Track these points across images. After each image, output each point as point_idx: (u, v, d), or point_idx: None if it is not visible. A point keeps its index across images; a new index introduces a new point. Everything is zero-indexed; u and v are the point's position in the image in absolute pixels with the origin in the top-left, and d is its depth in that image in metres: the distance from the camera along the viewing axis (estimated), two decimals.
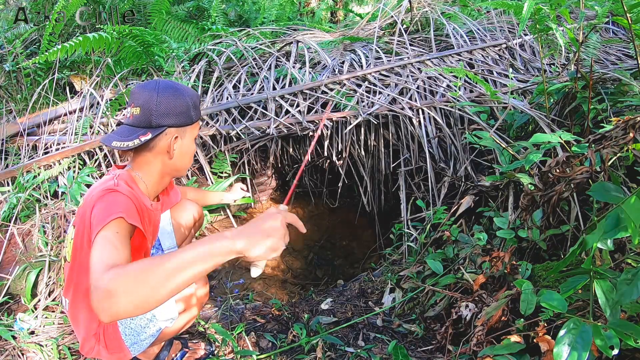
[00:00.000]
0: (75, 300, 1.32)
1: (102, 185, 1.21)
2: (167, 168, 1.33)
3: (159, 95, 1.23)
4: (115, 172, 1.28)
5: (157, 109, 1.23)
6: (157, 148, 1.28)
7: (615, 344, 0.95)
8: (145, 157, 1.29)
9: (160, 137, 1.26)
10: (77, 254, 1.26)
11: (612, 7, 2.31)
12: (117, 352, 1.35)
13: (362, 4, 6.01)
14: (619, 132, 1.43)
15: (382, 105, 2.59)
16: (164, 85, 1.26)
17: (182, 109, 1.27)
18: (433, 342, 1.64)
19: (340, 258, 2.92)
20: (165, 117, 1.24)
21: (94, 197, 1.16)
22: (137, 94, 1.25)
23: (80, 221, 1.23)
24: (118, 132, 1.26)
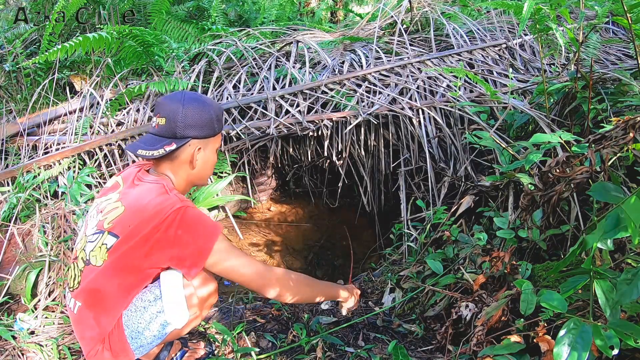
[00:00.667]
0: (89, 302, 1.29)
1: (161, 200, 1.22)
2: (190, 177, 1.38)
3: (185, 107, 1.28)
4: (158, 181, 1.30)
5: (182, 121, 1.27)
6: (180, 158, 1.32)
7: (615, 344, 0.95)
8: (170, 166, 1.34)
9: (184, 147, 1.31)
10: (112, 263, 1.23)
11: (612, 7, 2.32)
12: (121, 355, 1.34)
13: (362, 4, 6.01)
14: (619, 132, 1.43)
15: (382, 105, 2.60)
16: (190, 97, 1.30)
17: (206, 121, 1.31)
18: (433, 342, 1.64)
19: (340, 258, 2.92)
20: (189, 129, 1.28)
21: (166, 219, 1.19)
22: (163, 105, 1.29)
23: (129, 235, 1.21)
24: (143, 140, 1.31)
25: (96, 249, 1.26)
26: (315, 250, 2.96)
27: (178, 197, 1.24)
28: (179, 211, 1.20)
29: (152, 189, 1.27)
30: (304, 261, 2.85)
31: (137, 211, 1.23)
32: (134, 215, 1.23)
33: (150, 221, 1.19)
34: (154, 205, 1.21)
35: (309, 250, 2.95)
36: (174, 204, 1.20)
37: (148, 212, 1.20)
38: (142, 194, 1.27)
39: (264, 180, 3.21)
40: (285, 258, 2.82)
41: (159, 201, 1.21)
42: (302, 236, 3.07)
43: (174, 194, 1.25)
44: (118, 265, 1.24)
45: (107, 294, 1.28)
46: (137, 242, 1.20)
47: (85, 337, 1.34)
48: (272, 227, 3.10)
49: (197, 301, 1.37)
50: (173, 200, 1.22)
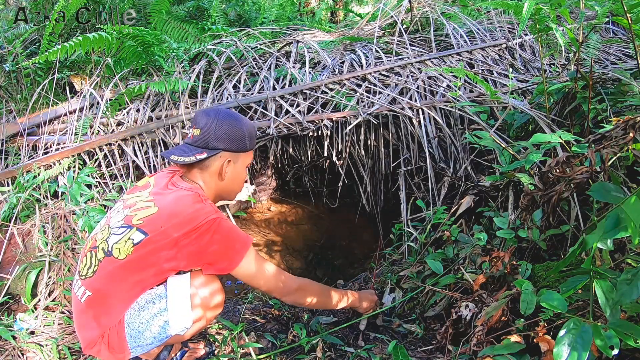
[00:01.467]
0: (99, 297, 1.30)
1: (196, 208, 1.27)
2: (218, 189, 1.46)
3: (219, 121, 1.37)
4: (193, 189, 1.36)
5: (216, 133, 1.36)
6: (211, 168, 1.40)
7: (615, 344, 0.95)
8: (201, 175, 1.41)
9: (215, 158, 1.39)
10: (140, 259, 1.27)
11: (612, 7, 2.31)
12: (118, 352, 1.34)
13: (362, 4, 6.01)
14: (619, 132, 1.43)
15: (382, 105, 2.60)
16: (225, 113, 1.41)
17: (238, 136, 1.40)
18: (433, 342, 1.65)
19: (340, 258, 2.92)
20: (221, 141, 1.37)
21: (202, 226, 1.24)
22: (200, 118, 1.39)
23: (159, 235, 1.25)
24: (178, 148, 1.41)
25: (121, 242, 1.29)
26: (315, 250, 2.96)
27: (213, 208, 1.30)
28: (214, 222, 1.25)
29: (188, 196, 1.31)
30: (304, 261, 2.85)
31: (171, 214, 1.27)
32: (167, 217, 1.27)
33: (184, 226, 1.24)
34: (189, 212, 1.26)
35: (309, 250, 2.95)
36: (209, 214, 1.26)
37: (182, 217, 1.25)
38: (177, 199, 1.31)
39: (264, 180, 3.21)
40: (285, 258, 2.82)
41: (195, 208, 1.27)
42: (302, 236, 3.07)
43: (209, 204, 1.31)
44: (141, 262, 1.27)
45: (121, 289, 1.30)
46: (166, 244, 1.25)
47: (85, 328, 1.34)
48: (272, 227, 3.10)
49: (201, 312, 1.37)
50: (208, 210, 1.27)
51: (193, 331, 1.41)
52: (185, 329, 1.34)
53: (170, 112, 2.61)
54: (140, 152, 2.50)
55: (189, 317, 1.33)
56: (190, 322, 1.34)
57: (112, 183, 2.40)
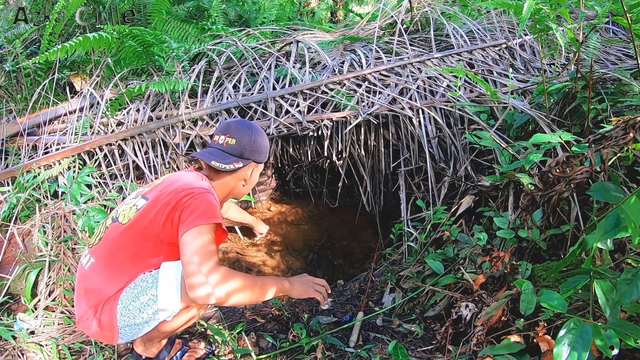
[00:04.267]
0: (102, 262, 1.37)
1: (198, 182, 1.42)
2: (235, 190, 1.61)
3: (254, 134, 1.53)
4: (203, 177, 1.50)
5: (251, 146, 1.52)
6: (238, 174, 1.55)
7: (615, 344, 0.95)
8: (225, 178, 1.54)
9: (247, 167, 1.54)
10: (139, 222, 1.36)
11: (612, 7, 2.31)
12: (107, 329, 1.33)
13: (362, 4, 6.01)
14: (619, 132, 1.43)
15: (382, 105, 2.60)
16: (257, 129, 1.56)
17: (265, 150, 1.59)
18: (433, 342, 1.64)
19: (340, 258, 2.92)
20: (253, 153, 1.53)
21: (193, 188, 1.36)
22: (235, 129, 1.52)
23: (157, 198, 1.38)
24: (212, 152, 1.50)
25: (127, 208, 1.43)
26: (315, 250, 2.95)
27: (209, 187, 1.42)
28: (202, 190, 1.36)
29: (191, 174, 1.49)
30: (304, 261, 2.85)
31: (171, 183, 1.42)
32: (167, 185, 1.42)
33: (176, 190, 1.36)
34: (186, 182, 1.41)
35: (309, 250, 2.95)
36: (202, 187, 1.39)
37: (179, 184, 1.40)
38: (181, 174, 1.50)
39: (264, 180, 3.21)
40: (285, 258, 2.82)
41: (192, 180, 1.42)
42: (302, 236, 3.07)
43: (207, 185, 1.44)
44: (140, 227, 1.35)
45: (120, 258, 1.37)
46: (161, 207, 1.35)
47: (83, 297, 1.37)
48: (272, 227, 3.09)
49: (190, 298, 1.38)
50: (203, 184, 1.41)
51: (183, 321, 1.42)
52: (173, 312, 1.35)
53: (171, 112, 2.61)
54: (140, 152, 2.50)
55: (178, 301, 1.34)
56: (178, 307, 1.35)
57: (112, 183, 2.40)
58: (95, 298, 1.35)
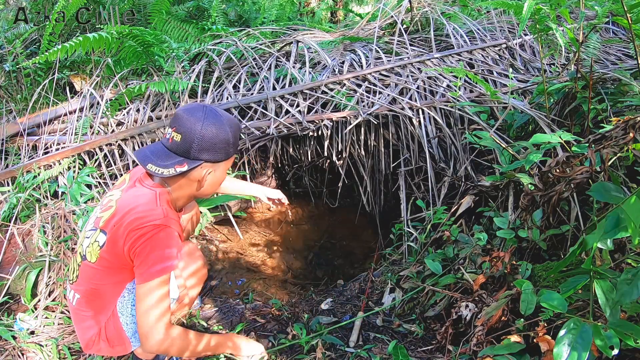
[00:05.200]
0: (88, 299, 1.34)
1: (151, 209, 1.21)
2: (194, 193, 1.38)
3: (203, 128, 1.24)
4: (154, 188, 1.29)
5: (199, 143, 1.24)
6: (190, 176, 1.31)
7: (615, 344, 0.95)
8: (177, 180, 1.32)
9: (195, 169, 1.28)
10: (104, 261, 1.27)
11: (612, 7, 2.31)
12: (118, 344, 1.36)
13: (362, 4, 6.01)
14: (619, 132, 1.43)
15: (382, 105, 2.60)
16: (211, 117, 1.25)
17: (222, 145, 1.28)
18: (433, 342, 1.64)
19: (340, 258, 2.92)
20: (204, 152, 1.25)
21: (145, 224, 1.18)
22: (182, 120, 1.24)
23: (114, 235, 1.23)
24: (154, 151, 1.27)
25: (90, 245, 1.30)
26: (315, 250, 2.95)
27: (163, 211, 1.22)
28: (157, 227, 1.19)
29: (145, 195, 1.27)
30: (304, 261, 2.85)
31: (125, 214, 1.23)
32: (121, 217, 1.23)
33: (129, 225, 1.20)
34: (138, 212, 1.21)
35: (309, 250, 2.95)
36: (156, 217, 1.20)
37: (131, 216, 1.21)
38: (135, 197, 1.27)
39: (264, 180, 3.21)
40: (285, 258, 2.82)
41: (145, 208, 1.22)
42: (302, 236, 3.07)
43: (161, 207, 1.24)
44: (109, 263, 1.27)
45: (103, 291, 1.33)
46: (121, 248, 1.22)
47: (82, 327, 1.38)
48: (272, 227, 3.10)
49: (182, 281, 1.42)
50: (157, 213, 1.21)
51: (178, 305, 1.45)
52: (172, 299, 1.38)
53: (170, 112, 2.61)
54: None
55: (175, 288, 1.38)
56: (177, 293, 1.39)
57: (112, 183, 2.40)
58: (96, 326, 1.36)
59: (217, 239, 2.78)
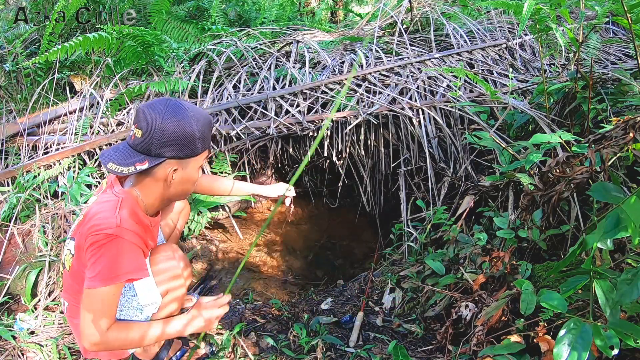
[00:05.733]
0: (74, 306, 1.36)
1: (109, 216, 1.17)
2: (165, 195, 1.30)
3: (163, 122, 1.15)
4: (119, 194, 1.24)
5: (159, 138, 1.16)
6: (155, 175, 1.23)
7: (615, 344, 0.95)
8: (144, 181, 1.25)
9: (159, 167, 1.21)
10: (75, 269, 1.28)
11: (612, 7, 2.31)
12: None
13: (362, 4, 6.01)
14: (619, 132, 1.43)
15: (382, 105, 2.60)
16: (172, 110, 1.17)
17: (186, 140, 1.19)
18: (433, 342, 1.64)
19: (340, 258, 2.92)
20: (165, 148, 1.17)
21: (100, 232, 1.14)
22: (143, 115, 1.18)
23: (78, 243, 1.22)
24: (117, 149, 1.21)
25: (67, 254, 1.30)
26: (315, 250, 2.95)
27: (117, 220, 1.17)
28: (108, 237, 1.14)
29: (108, 202, 1.22)
30: (304, 261, 2.85)
31: (87, 222, 1.20)
32: (84, 224, 1.21)
33: (86, 233, 1.17)
34: (95, 219, 1.17)
35: (309, 250, 2.95)
36: (109, 227, 1.15)
37: (90, 223, 1.18)
38: (99, 205, 1.23)
39: (264, 180, 3.21)
40: (285, 258, 2.82)
41: (102, 217, 1.17)
42: (302, 236, 3.07)
43: (119, 214, 1.18)
44: (80, 271, 1.25)
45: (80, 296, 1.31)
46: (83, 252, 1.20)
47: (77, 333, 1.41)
48: (272, 227, 3.09)
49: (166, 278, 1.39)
50: (111, 222, 1.16)
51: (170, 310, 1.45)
52: (156, 304, 1.37)
53: None
54: None
55: (157, 291, 1.35)
56: (159, 297, 1.36)
57: None
58: None
59: (217, 239, 2.78)
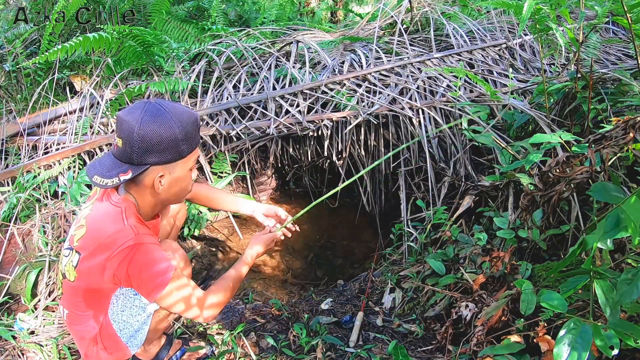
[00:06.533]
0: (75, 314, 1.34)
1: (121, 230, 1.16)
2: (159, 200, 1.27)
3: (141, 129, 1.09)
4: (119, 204, 1.22)
5: (139, 145, 1.10)
6: (143, 183, 1.20)
7: (615, 344, 0.95)
8: (134, 189, 1.23)
9: (144, 174, 1.17)
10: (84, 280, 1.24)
11: (612, 7, 2.31)
12: (116, 350, 1.36)
13: (362, 4, 6.01)
14: (619, 132, 1.43)
15: (382, 105, 2.60)
16: (150, 114, 1.11)
17: (168, 144, 1.13)
18: (433, 342, 1.65)
19: (340, 258, 2.92)
20: (147, 155, 1.12)
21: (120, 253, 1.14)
22: (121, 122, 1.12)
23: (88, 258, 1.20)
24: (102, 161, 1.19)
25: (68, 264, 1.26)
26: (315, 250, 2.95)
27: (133, 229, 1.16)
28: (132, 249, 1.13)
29: (111, 213, 1.20)
30: (304, 261, 2.85)
31: (95, 236, 1.19)
32: (92, 239, 1.19)
33: (105, 251, 1.15)
34: (108, 235, 1.16)
35: (309, 250, 2.95)
36: (127, 239, 1.13)
37: (103, 239, 1.16)
38: (101, 217, 1.22)
39: (264, 180, 3.21)
40: (285, 258, 2.82)
41: (113, 230, 1.16)
42: (302, 236, 3.07)
43: (130, 224, 1.17)
44: (85, 284, 1.25)
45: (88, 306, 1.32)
46: (94, 266, 1.18)
47: (78, 339, 1.40)
48: None
49: None
50: (127, 233, 1.14)
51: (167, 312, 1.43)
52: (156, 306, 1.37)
53: None
54: None
55: None
56: None
57: None
58: (88, 337, 1.37)
59: (217, 238, 2.78)
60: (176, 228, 1.79)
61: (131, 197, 1.25)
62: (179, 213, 1.76)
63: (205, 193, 1.68)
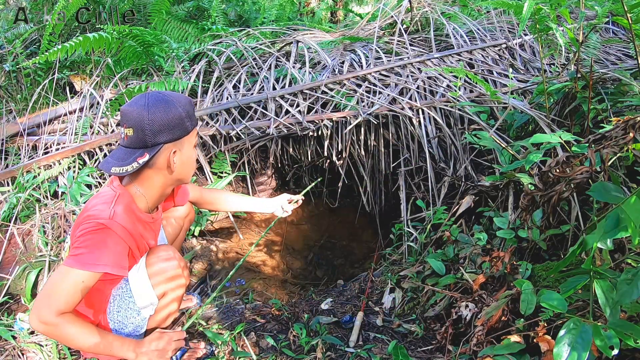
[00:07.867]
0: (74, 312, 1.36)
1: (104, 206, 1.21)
2: (170, 180, 1.35)
3: (150, 113, 1.21)
4: (116, 190, 1.28)
5: (151, 128, 1.21)
6: (157, 165, 1.28)
7: (615, 344, 0.95)
8: (146, 174, 1.30)
9: (159, 154, 1.26)
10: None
11: (612, 7, 2.31)
12: None
13: (362, 4, 6.01)
14: (619, 132, 1.43)
15: (382, 105, 2.60)
16: (154, 100, 1.23)
17: (176, 122, 1.25)
18: (433, 342, 1.64)
19: (340, 258, 2.92)
20: (159, 135, 1.23)
21: (91, 219, 1.18)
22: (128, 114, 1.22)
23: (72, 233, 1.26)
24: (115, 155, 1.26)
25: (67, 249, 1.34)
26: (315, 250, 2.95)
27: (111, 213, 1.21)
28: (97, 226, 1.18)
29: (104, 195, 1.27)
30: (304, 261, 2.85)
31: (83, 212, 1.25)
32: (80, 215, 1.26)
33: (80, 224, 1.21)
34: (91, 210, 1.22)
35: (309, 250, 2.95)
36: (99, 217, 1.19)
37: (85, 214, 1.22)
38: (95, 196, 1.29)
39: (264, 180, 3.21)
40: (286, 258, 2.82)
41: (97, 208, 1.22)
42: (302, 236, 3.07)
43: (113, 209, 1.22)
44: None
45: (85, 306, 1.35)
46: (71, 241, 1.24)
47: None
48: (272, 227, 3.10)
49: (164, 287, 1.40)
50: (104, 214, 1.20)
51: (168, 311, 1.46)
52: (152, 305, 1.38)
53: None
54: None
55: (153, 293, 1.37)
56: (155, 298, 1.38)
57: None
58: None
59: (217, 238, 2.78)
60: (184, 230, 1.81)
61: (134, 188, 1.30)
62: (187, 216, 1.78)
63: (210, 197, 1.78)
